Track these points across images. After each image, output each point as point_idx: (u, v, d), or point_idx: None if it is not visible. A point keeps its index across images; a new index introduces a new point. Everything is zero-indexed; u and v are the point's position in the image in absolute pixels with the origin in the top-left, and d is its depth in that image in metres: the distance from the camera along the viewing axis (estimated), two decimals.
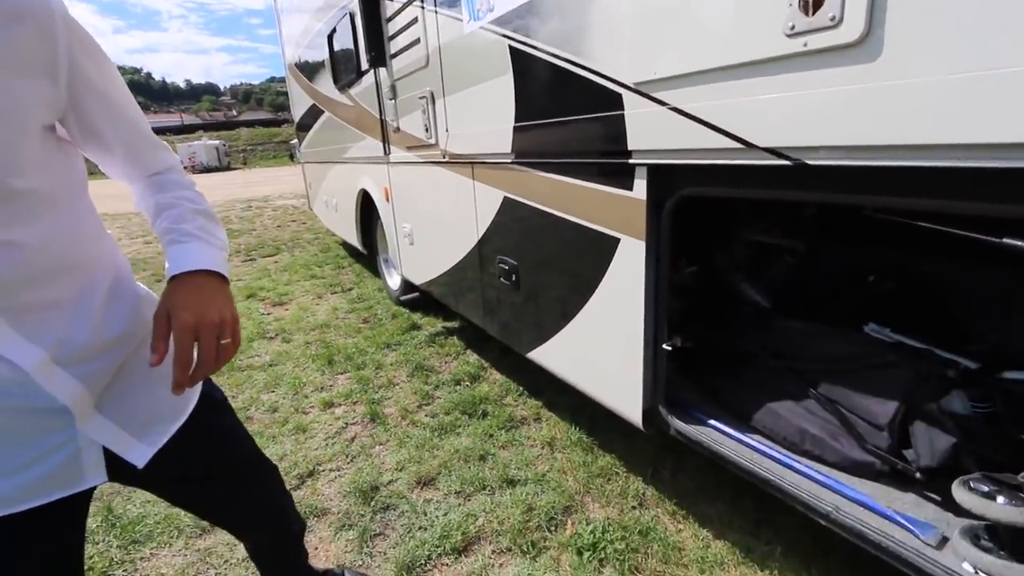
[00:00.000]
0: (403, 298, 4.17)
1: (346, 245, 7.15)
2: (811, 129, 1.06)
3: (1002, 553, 1.05)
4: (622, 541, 1.82)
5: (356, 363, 3.43)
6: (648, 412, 1.73)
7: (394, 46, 3.04)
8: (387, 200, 3.81)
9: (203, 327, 0.74)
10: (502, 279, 2.41)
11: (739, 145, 1.21)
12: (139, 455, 0.85)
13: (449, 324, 3.97)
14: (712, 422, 1.64)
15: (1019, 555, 1.04)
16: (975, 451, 1.17)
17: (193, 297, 0.75)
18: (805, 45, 1.02)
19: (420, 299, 4.14)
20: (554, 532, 1.92)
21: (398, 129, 3.23)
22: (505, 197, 2.28)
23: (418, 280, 3.60)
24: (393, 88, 3.17)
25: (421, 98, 2.76)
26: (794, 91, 1.07)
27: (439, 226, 3.04)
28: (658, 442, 2.28)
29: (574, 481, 2.15)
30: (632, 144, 1.51)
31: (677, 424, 1.66)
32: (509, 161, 2.14)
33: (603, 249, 1.74)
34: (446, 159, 2.69)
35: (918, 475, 1.24)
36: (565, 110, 1.75)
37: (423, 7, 2.59)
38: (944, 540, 1.16)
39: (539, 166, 1.98)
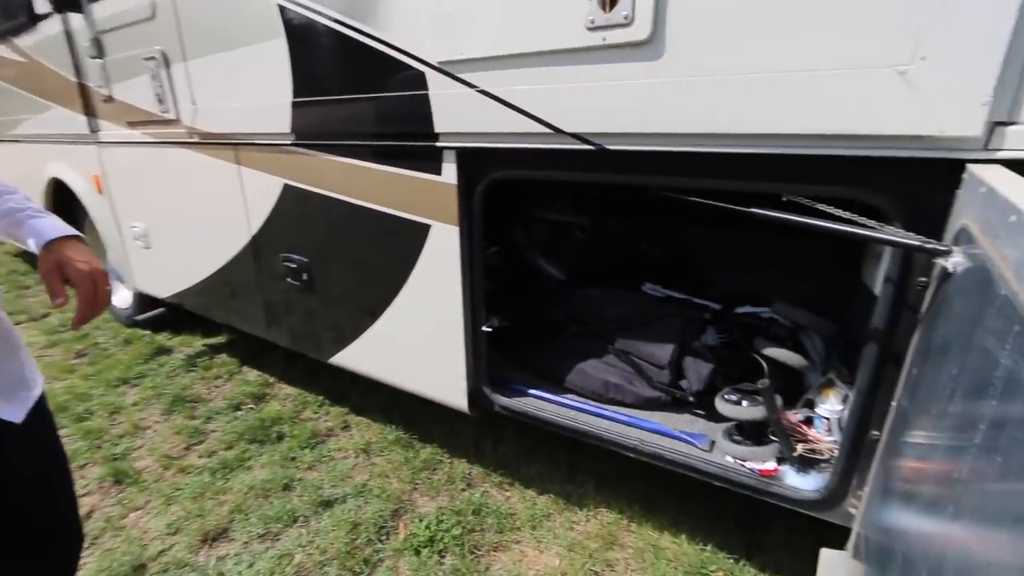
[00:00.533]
0: (140, 318, 3.29)
1: (26, 255, 5.30)
2: (610, 117, 1.21)
3: (748, 442, 1.41)
4: (458, 526, 1.83)
5: (74, 413, 2.58)
6: (473, 395, 1.76)
7: None
8: (99, 192, 2.93)
9: (97, 273, 0.93)
10: (290, 280, 2.11)
11: (548, 130, 1.29)
12: (13, 413, 0.95)
13: (213, 340, 3.31)
14: (532, 392, 1.76)
15: (759, 441, 1.41)
16: (725, 371, 1.54)
17: (80, 252, 0.94)
18: (604, 39, 1.15)
19: (168, 316, 3.34)
20: (386, 541, 1.81)
21: (111, 98, 2.50)
22: (286, 185, 1.99)
23: (163, 292, 2.89)
24: (98, 43, 2.43)
25: (149, 59, 2.18)
26: (596, 81, 1.20)
27: (190, 223, 2.48)
28: (476, 421, 2.34)
29: (399, 482, 2.05)
30: (439, 127, 1.48)
31: (501, 401, 1.73)
32: (289, 143, 1.87)
33: (413, 237, 1.68)
34: (195, 139, 2.20)
35: (691, 399, 1.56)
36: (360, 87, 1.61)
37: None
38: (712, 444, 1.49)
39: (330, 149, 1.78)
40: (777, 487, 1.30)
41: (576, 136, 1.27)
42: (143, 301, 3.20)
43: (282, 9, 1.69)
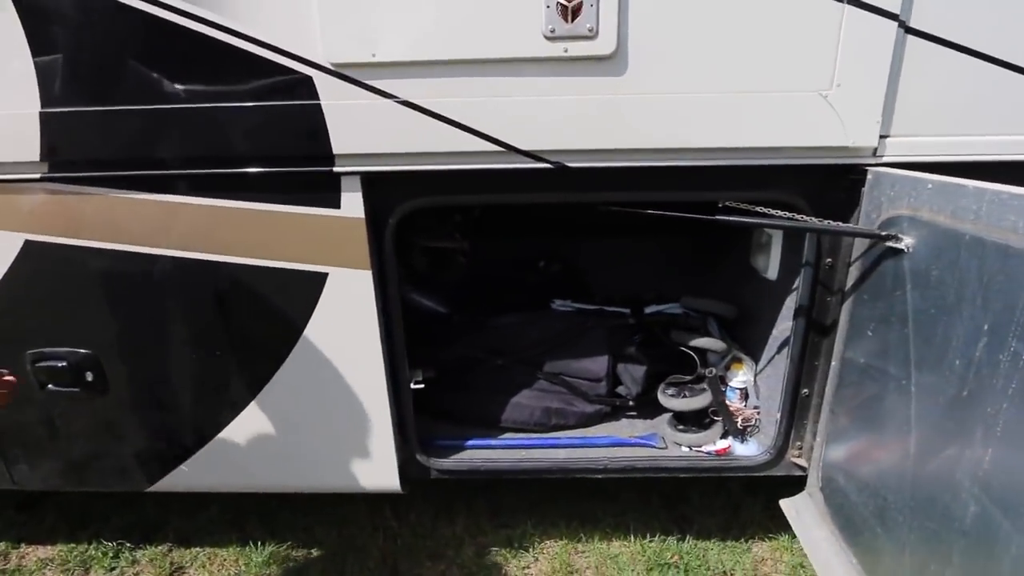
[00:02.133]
0: None
1: None
2: (572, 133, 1.12)
3: (694, 429, 1.53)
4: None
5: None
6: (403, 468, 1.44)
7: None
8: None
9: None
10: (53, 387, 1.35)
11: (497, 148, 1.13)
12: None
13: None
14: (470, 443, 1.54)
15: (702, 425, 1.54)
16: (655, 370, 1.63)
17: None
18: (566, 51, 1.05)
19: None
20: None
21: None
22: (28, 243, 1.25)
23: None
24: None
25: None
26: (556, 95, 1.09)
27: None
28: (365, 497, 1.94)
29: None
30: (338, 146, 1.14)
31: (440, 464, 1.47)
32: (37, 176, 1.18)
33: (299, 292, 1.27)
34: None
35: (631, 403, 1.61)
36: (179, 93, 1.12)
37: None
38: (663, 440, 1.57)
39: (130, 183, 1.19)
40: (734, 461, 1.45)
41: (531, 154, 1.14)
42: None
43: None
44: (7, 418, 1.38)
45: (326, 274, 1.26)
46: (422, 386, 1.41)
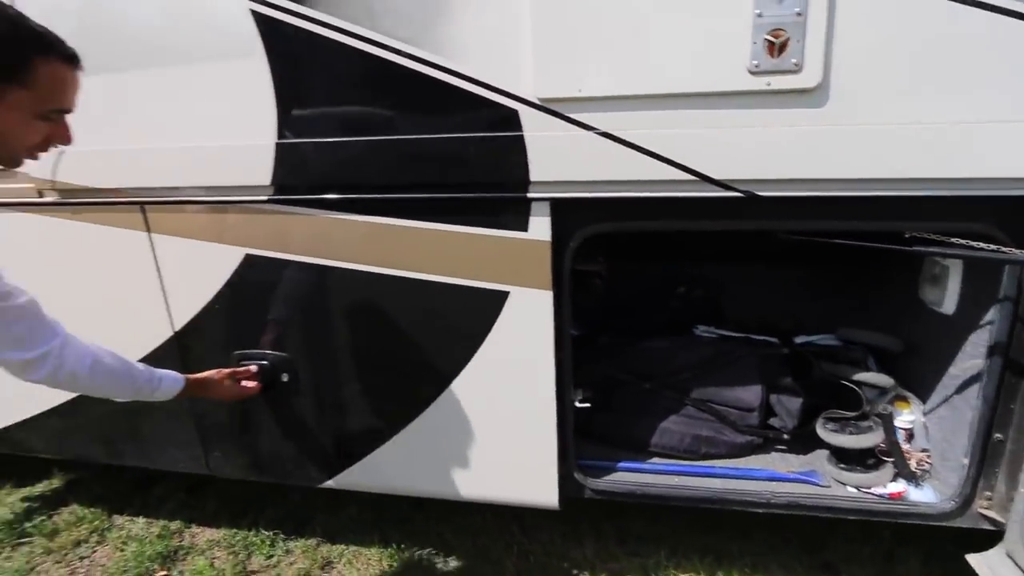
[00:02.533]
0: None
1: None
2: (768, 163, 1.14)
3: (860, 469, 1.46)
4: None
5: None
6: (561, 484, 1.47)
7: None
8: None
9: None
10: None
11: (690, 177, 1.16)
12: None
13: (40, 488, 2.20)
14: (622, 465, 1.55)
15: (867, 466, 1.47)
16: (814, 403, 1.58)
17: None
18: (768, 84, 1.08)
19: None
20: None
21: None
22: (248, 256, 1.42)
23: None
24: None
25: None
26: (754, 127, 1.12)
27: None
28: (496, 511, 1.98)
29: None
30: (536, 174, 1.22)
31: (595, 484, 1.49)
32: (264, 199, 1.35)
33: (481, 308, 1.35)
34: (60, 199, 1.44)
35: (785, 436, 1.56)
36: (402, 126, 1.24)
37: None
38: (825, 478, 1.50)
39: (341, 205, 1.33)
40: (911, 507, 1.36)
41: (722, 183, 1.17)
42: None
43: (261, 18, 1.21)
44: (213, 411, 1.55)
45: (507, 292, 1.33)
46: (587, 405, 1.44)
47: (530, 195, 1.25)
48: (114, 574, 1.81)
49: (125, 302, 1.51)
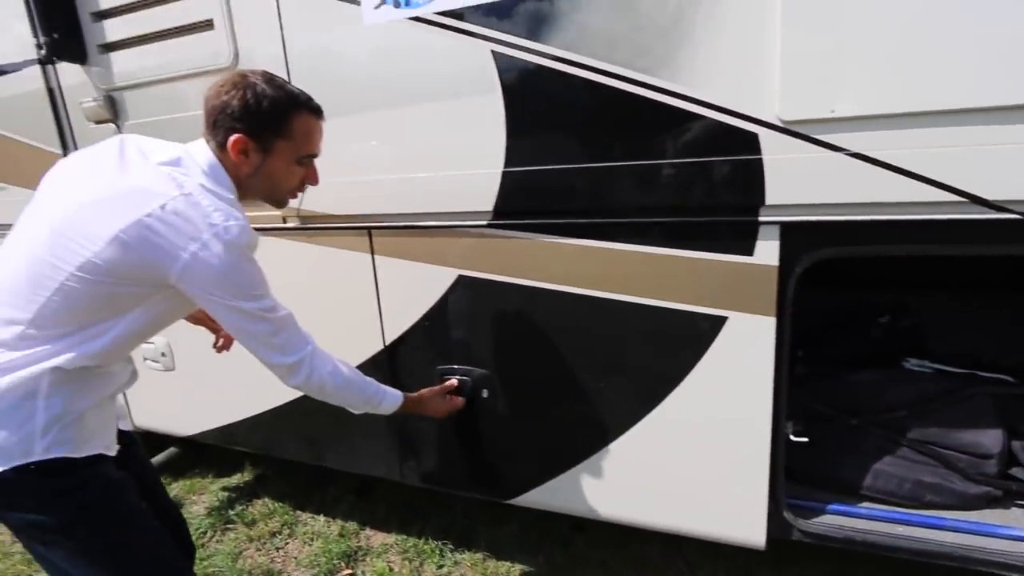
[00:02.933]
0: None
1: None
2: None
3: None
4: None
5: None
6: (769, 523, 1.39)
7: (117, 26, 1.70)
8: None
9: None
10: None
11: (956, 198, 1.08)
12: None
13: (235, 479, 2.47)
14: (831, 508, 1.44)
15: None
16: None
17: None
18: None
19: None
20: None
21: None
22: (461, 277, 1.51)
23: (190, 427, 2.08)
24: (112, 102, 1.77)
25: None
26: None
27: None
28: (671, 542, 1.91)
29: None
30: (771, 198, 1.19)
31: (804, 526, 1.39)
32: (484, 224, 1.43)
33: (695, 333, 1.33)
34: (300, 225, 1.63)
35: None
36: (626, 152, 1.27)
37: None
38: None
39: (557, 230, 1.39)
40: None
41: (995, 205, 1.07)
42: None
43: (499, 57, 1.31)
44: (414, 423, 1.66)
45: (725, 318, 1.30)
46: (804, 440, 1.36)
47: (760, 219, 1.22)
48: (306, 568, 1.97)
49: (346, 316, 1.66)
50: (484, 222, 1.44)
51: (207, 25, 1.58)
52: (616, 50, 1.22)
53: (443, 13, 1.33)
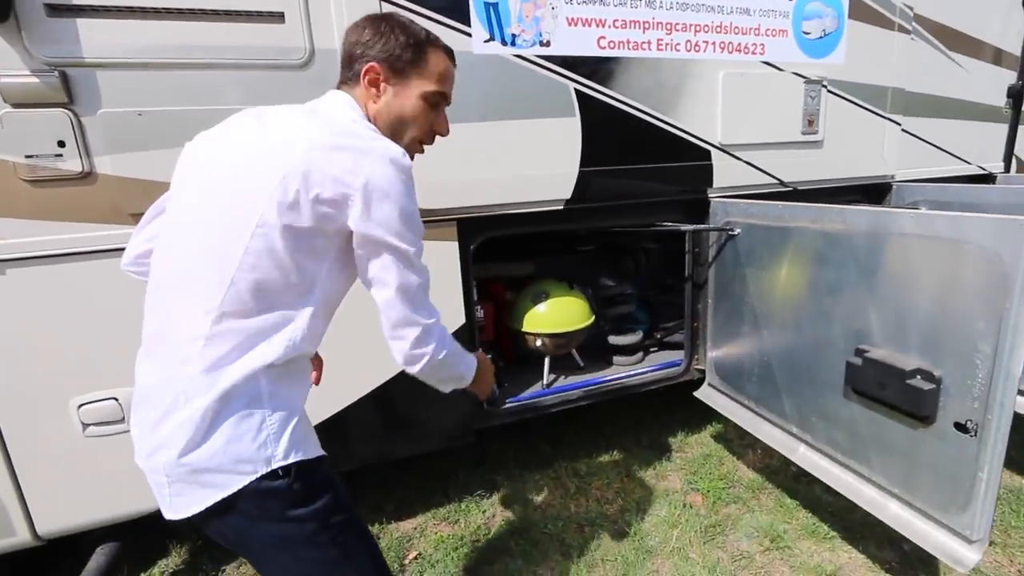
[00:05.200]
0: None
1: None
2: None
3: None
4: None
5: None
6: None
7: None
8: None
9: None
10: None
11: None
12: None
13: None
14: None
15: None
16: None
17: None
18: None
19: None
20: None
21: None
22: None
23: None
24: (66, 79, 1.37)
25: None
26: None
27: None
28: None
29: None
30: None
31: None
32: (561, 208, 1.96)
33: None
34: None
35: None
36: (646, 157, 2.05)
37: None
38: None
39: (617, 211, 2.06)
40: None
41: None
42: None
43: (579, 94, 1.86)
44: None
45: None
46: None
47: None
48: None
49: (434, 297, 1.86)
50: (561, 207, 1.96)
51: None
52: (648, 98, 1.97)
53: (541, 56, 1.80)
